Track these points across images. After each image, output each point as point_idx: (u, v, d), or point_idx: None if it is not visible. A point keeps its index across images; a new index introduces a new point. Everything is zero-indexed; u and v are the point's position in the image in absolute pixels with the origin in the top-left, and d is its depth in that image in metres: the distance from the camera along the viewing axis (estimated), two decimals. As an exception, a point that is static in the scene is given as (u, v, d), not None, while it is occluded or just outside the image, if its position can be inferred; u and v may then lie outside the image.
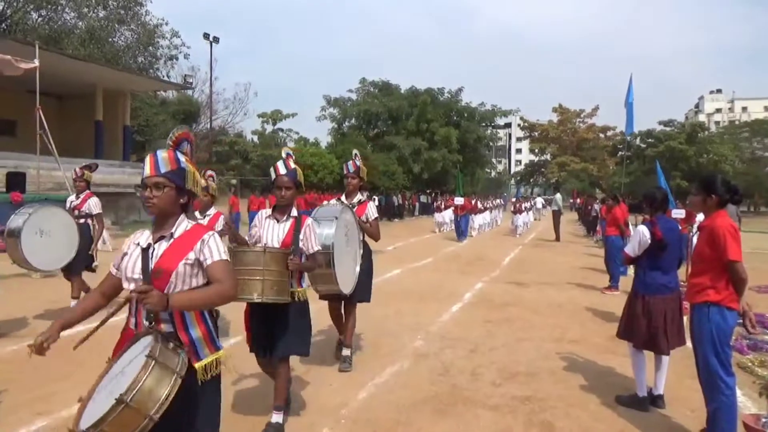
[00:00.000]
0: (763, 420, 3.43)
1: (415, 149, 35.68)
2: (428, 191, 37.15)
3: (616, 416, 4.19)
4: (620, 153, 54.17)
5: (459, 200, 19.88)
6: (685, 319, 3.93)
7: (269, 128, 64.09)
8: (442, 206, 24.48)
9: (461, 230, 19.62)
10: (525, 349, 5.95)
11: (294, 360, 5.27)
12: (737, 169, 54.15)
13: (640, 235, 4.39)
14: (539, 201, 40.43)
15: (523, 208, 23.85)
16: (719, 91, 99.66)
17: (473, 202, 22.26)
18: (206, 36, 24.72)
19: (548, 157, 72.56)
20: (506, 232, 23.81)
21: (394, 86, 40.76)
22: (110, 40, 29.31)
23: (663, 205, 4.56)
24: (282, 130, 65.08)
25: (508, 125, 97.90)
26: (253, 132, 64.90)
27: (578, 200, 35.03)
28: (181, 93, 36.51)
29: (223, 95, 43.86)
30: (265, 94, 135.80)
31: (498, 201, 31.87)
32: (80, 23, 29.06)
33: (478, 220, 22.69)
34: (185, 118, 36.95)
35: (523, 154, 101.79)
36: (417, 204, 36.11)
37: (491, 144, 48.80)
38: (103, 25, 28.73)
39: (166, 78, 30.25)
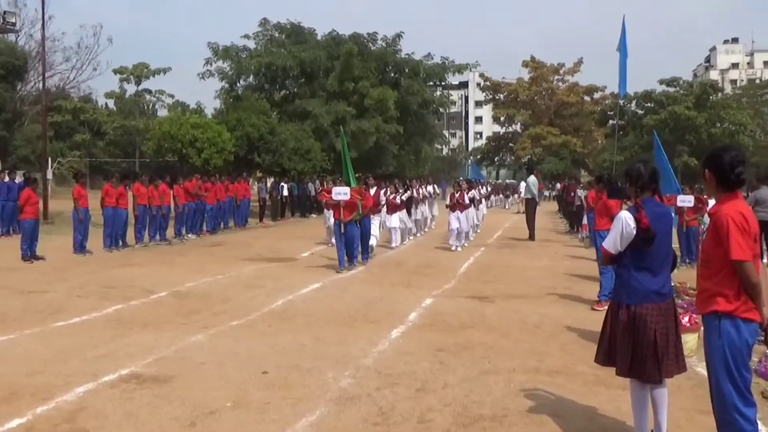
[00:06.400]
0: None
1: (338, 117, 35.58)
2: (357, 175, 37.31)
3: (609, 468, 4.36)
4: (611, 122, 56.24)
5: (340, 192, 13.31)
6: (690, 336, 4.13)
7: (131, 89, 62.71)
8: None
9: (353, 247, 13.77)
10: (490, 385, 6.08)
11: (188, 407, 5.18)
12: (758, 142, 57.26)
13: (622, 224, 4.43)
14: (523, 186, 40.61)
15: (467, 200, 17.87)
16: (735, 40, 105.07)
17: (374, 191, 15.84)
18: (36, -44, 23.73)
19: (518, 127, 74.41)
20: (441, 239, 19.36)
21: (307, 31, 40.52)
22: None
23: (652, 184, 4.58)
24: (150, 91, 63.83)
25: (464, 84, 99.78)
26: (108, 95, 63.47)
27: (558, 186, 35.99)
28: (-2, 38, 34.95)
29: (62, 42, 41.91)
30: (125, 42, 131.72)
31: (430, 188, 24.31)
32: None
33: (391, 223, 17.95)
34: (6, 75, 35.37)
35: (484, 124, 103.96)
36: (341, 193, 36.21)
37: (441, 110, 49.35)
38: None
39: (-25, 16, 28.81)
